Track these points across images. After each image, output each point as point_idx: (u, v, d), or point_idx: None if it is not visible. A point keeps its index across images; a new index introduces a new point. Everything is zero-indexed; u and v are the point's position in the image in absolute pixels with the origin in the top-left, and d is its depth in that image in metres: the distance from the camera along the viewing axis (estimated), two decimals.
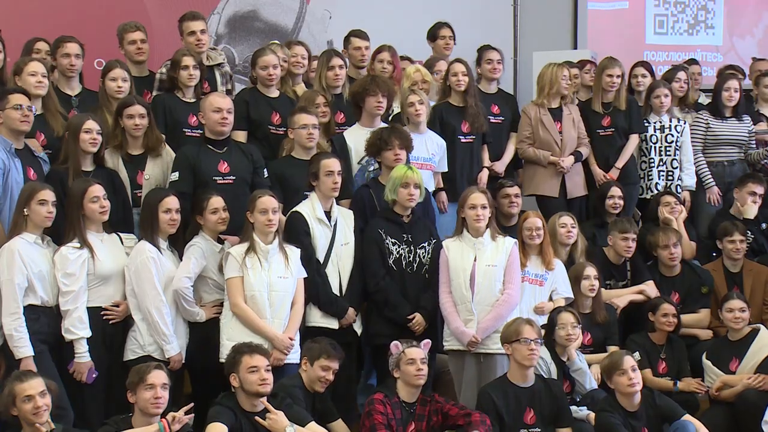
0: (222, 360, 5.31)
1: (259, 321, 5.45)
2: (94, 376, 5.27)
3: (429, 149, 6.58)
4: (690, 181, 7.48)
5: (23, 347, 5.08)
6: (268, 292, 5.51)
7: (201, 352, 5.56)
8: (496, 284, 5.77)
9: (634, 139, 7.44)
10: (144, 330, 5.37)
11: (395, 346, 5.29)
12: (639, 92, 7.70)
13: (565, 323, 5.77)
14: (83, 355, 5.26)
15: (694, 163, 7.51)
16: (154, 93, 6.62)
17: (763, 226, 7.15)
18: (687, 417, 5.52)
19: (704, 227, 7.38)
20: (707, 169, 7.55)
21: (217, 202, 5.62)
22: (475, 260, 5.76)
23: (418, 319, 5.82)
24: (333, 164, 5.85)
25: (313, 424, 5.04)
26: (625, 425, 5.35)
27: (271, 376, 4.98)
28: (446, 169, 6.74)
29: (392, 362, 5.34)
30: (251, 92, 6.74)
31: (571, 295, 6.14)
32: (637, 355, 5.82)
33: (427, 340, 5.44)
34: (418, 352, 5.31)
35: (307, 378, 5.27)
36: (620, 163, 7.33)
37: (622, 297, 6.53)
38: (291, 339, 5.48)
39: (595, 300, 6.19)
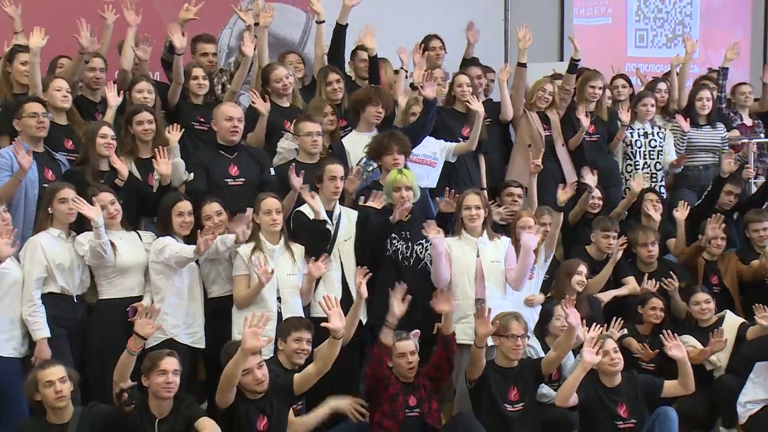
0: None
1: (252, 289, 5.37)
2: None
3: (429, 148, 6.55)
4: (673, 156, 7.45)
5: (38, 330, 5.07)
6: (277, 289, 5.45)
7: (215, 344, 5.42)
8: (501, 278, 5.75)
9: None
10: (164, 312, 5.24)
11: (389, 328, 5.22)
12: (620, 101, 7.64)
13: (560, 315, 5.74)
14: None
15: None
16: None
17: (735, 216, 7.19)
18: (666, 383, 5.51)
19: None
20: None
21: (209, 208, 5.56)
22: (477, 257, 5.72)
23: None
24: (337, 170, 5.80)
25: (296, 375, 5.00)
26: (602, 400, 5.39)
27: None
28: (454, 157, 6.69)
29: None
30: None
31: None
32: (625, 330, 6.00)
33: (416, 330, 5.37)
34: (408, 345, 5.29)
35: (285, 356, 5.15)
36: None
37: (607, 293, 6.46)
38: None
39: (581, 295, 6.11)
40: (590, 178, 6.67)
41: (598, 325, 5.50)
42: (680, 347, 5.44)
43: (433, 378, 5.40)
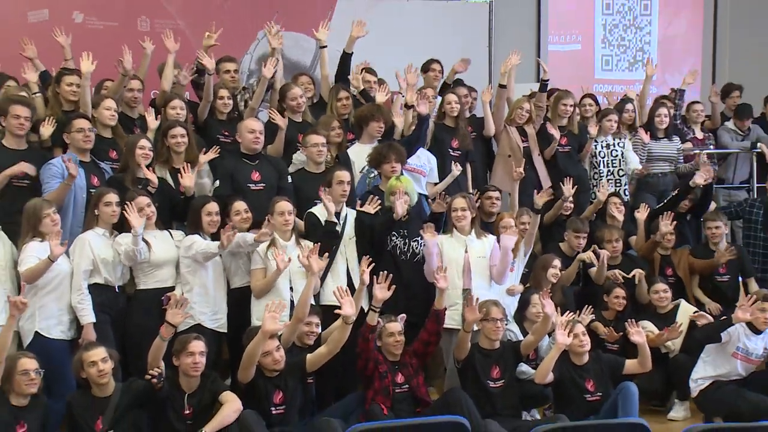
0: None
1: (269, 277, 5.37)
2: None
3: (421, 159, 6.58)
4: (638, 164, 7.42)
5: (86, 316, 5.10)
6: (290, 280, 5.44)
7: (236, 328, 5.46)
8: (486, 272, 5.75)
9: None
10: (193, 301, 5.26)
11: (377, 322, 5.22)
12: (588, 117, 7.63)
13: (536, 303, 5.77)
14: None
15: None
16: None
17: (688, 218, 7.19)
18: (627, 362, 5.52)
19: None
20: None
21: (238, 205, 5.59)
22: (466, 252, 5.73)
23: None
24: (344, 176, 5.80)
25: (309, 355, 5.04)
26: (572, 376, 5.40)
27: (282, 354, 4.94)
28: (437, 180, 6.66)
29: (375, 334, 5.29)
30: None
31: None
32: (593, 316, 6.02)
33: (403, 315, 5.39)
34: (396, 326, 5.31)
35: (296, 337, 5.19)
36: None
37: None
38: None
39: (555, 285, 6.11)
40: (567, 189, 6.75)
41: (570, 312, 5.51)
42: (641, 333, 5.50)
43: (421, 354, 5.39)
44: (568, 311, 5.51)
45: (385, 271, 5.25)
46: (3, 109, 5.61)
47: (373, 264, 5.32)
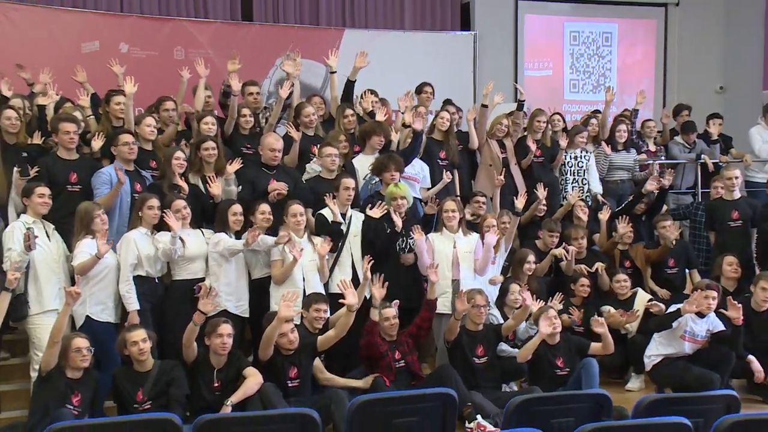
0: None
1: (286, 266, 5.34)
2: None
3: (415, 168, 6.56)
4: (598, 188, 7.35)
5: (131, 303, 5.10)
6: (302, 271, 5.44)
7: (256, 313, 5.42)
8: (472, 264, 5.76)
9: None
10: (219, 290, 5.21)
11: (375, 308, 5.21)
12: (556, 132, 7.59)
13: (514, 291, 5.82)
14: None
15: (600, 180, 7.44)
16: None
17: (643, 218, 7.14)
18: (592, 344, 5.50)
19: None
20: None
21: (263, 207, 5.57)
22: (454, 248, 5.71)
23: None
24: (349, 182, 5.79)
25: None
26: (546, 354, 5.39)
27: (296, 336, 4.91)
28: (430, 186, 6.63)
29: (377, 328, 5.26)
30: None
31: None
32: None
33: (397, 300, 5.36)
34: (391, 311, 5.28)
35: (307, 322, 5.17)
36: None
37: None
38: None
39: (531, 277, 6.11)
40: (541, 192, 6.73)
41: (542, 300, 5.48)
42: (603, 325, 5.44)
43: (415, 336, 5.39)
44: (540, 299, 5.47)
45: (380, 273, 5.27)
46: (54, 127, 5.71)
47: (373, 261, 5.31)
